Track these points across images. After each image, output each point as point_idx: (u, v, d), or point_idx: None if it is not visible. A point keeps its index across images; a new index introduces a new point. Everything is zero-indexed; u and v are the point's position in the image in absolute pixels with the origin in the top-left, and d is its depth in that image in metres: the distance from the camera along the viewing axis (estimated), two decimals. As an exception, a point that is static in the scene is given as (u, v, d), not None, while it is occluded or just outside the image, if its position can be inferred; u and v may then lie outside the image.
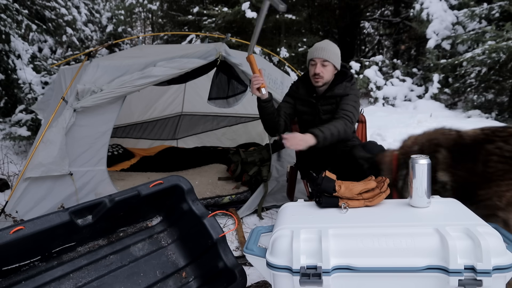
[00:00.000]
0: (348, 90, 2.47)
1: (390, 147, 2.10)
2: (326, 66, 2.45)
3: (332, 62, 2.45)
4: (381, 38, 15.21)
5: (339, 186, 1.65)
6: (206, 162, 4.46)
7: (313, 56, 2.46)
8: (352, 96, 2.47)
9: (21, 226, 1.45)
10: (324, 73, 2.44)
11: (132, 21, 15.41)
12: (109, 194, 1.80)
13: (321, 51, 2.45)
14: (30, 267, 1.56)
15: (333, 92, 2.48)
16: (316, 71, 2.44)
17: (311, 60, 2.48)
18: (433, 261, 1.29)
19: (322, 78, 2.46)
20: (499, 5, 7.43)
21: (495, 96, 7.63)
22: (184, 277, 1.86)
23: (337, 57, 2.49)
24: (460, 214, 1.53)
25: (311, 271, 1.32)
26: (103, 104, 2.71)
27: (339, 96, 2.47)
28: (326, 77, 2.46)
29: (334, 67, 2.48)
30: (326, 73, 2.45)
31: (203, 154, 4.77)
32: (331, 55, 2.44)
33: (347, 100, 2.45)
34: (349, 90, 2.47)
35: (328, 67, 2.45)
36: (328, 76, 2.47)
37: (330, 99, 2.50)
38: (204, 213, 1.90)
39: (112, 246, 1.81)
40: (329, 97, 2.50)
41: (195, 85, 4.67)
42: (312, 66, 2.47)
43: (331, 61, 2.44)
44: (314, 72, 2.45)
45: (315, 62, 2.45)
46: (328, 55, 2.43)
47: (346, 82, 2.50)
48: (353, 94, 2.47)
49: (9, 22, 5.61)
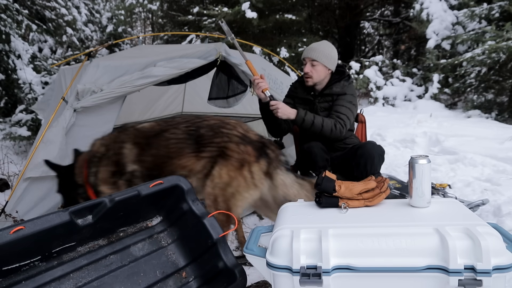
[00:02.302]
0: (345, 89, 2.54)
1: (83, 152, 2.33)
2: (315, 66, 2.53)
3: (322, 62, 2.52)
4: (381, 38, 15.22)
5: (339, 186, 1.65)
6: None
7: (304, 56, 2.59)
8: (349, 96, 2.52)
9: (21, 226, 1.44)
10: (313, 73, 2.53)
11: (132, 21, 15.42)
12: (109, 194, 1.80)
13: (311, 51, 2.55)
14: (30, 267, 1.56)
15: (331, 90, 2.56)
16: (305, 70, 2.57)
17: (303, 59, 2.61)
18: (433, 261, 1.29)
19: (311, 78, 2.55)
20: (499, 5, 7.44)
21: (495, 96, 7.63)
22: (184, 277, 1.86)
23: (328, 58, 2.54)
24: (460, 214, 1.53)
25: (311, 271, 1.32)
26: (103, 104, 2.71)
27: (336, 94, 2.53)
28: (316, 76, 2.54)
29: (326, 67, 2.53)
30: (315, 73, 2.53)
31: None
32: (320, 56, 2.52)
33: (343, 101, 2.50)
34: (346, 89, 2.54)
35: (317, 67, 2.53)
36: (318, 76, 2.54)
37: (327, 97, 2.57)
38: (204, 213, 1.90)
39: (112, 246, 1.81)
40: (327, 95, 2.57)
41: (195, 85, 4.67)
42: (304, 65, 2.59)
43: (320, 61, 2.52)
44: (304, 71, 2.58)
45: (305, 61, 2.58)
46: (316, 55, 2.51)
47: (344, 81, 2.57)
48: (350, 94, 2.53)
49: (9, 22, 5.62)
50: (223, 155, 2.06)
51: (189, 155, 2.08)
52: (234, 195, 2.04)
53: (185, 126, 2.14)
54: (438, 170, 3.91)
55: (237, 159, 2.04)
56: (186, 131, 2.12)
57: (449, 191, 2.98)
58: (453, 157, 4.25)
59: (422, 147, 4.98)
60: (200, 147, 2.08)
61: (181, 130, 2.13)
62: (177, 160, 2.08)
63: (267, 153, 2.10)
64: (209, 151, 2.08)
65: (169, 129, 2.15)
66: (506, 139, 4.70)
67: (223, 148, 2.06)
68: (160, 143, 2.13)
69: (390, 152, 4.72)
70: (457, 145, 4.66)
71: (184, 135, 2.10)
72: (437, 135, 5.14)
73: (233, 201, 2.05)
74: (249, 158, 2.05)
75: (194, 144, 2.09)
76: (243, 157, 2.05)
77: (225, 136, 2.09)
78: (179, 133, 2.12)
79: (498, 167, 3.82)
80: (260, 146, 2.11)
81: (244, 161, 2.04)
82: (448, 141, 4.89)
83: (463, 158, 4.11)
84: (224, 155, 2.05)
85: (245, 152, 2.06)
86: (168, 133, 2.14)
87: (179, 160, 2.08)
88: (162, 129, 2.17)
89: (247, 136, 2.12)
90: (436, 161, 4.13)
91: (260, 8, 9.64)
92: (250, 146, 2.07)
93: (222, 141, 2.08)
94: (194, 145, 2.08)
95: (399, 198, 2.67)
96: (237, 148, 2.06)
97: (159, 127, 2.19)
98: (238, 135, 2.10)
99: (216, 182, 2.04)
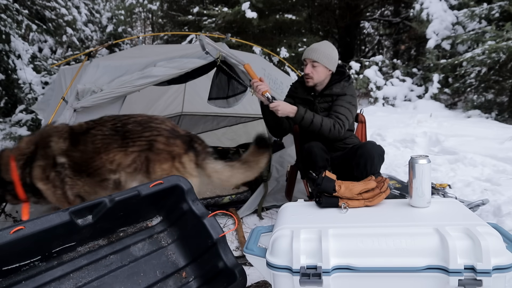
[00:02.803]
0: (345, 90, 2.54)
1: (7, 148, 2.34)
2: (316, 67, 2.53)
3: (322, 64, 2.52)
4: (381, 38, 15.21)
5: (339, 186, 1.65)
6: (206, 162, 4.46)
7: (304, 57, 2.58)
8: (349, 97, 2.52)
9: (21, 226, 1.44)
10: (314, 74, 2.54)
11: (132, 21, 15.42)
12: (109, 194, 1.80)
13: (312, 52, 2.54)
14: (30, 267, 1.56)
15: (331, 90, 2.56)
16: (305, 71, 2.56)
17: (303, 60, 2.60)
18: (433, 261, 1.29)
19: (312, 79, 2.55)
20: (499, 5, 7.44)
21: (495, 96, 7.63)
22: (184, 277, 1.87)
23: (329, 59, 2.54)
24: (460, 214, 1.53)
25: (311, 271, 1.32)
26: (103, 104, 2.70)
27: (336, 95, 2.53)
28: (316, 77, 2.54)
29: (326, 68, 2.53)
30: (316, 74, 2.54)
31: (203, 154, 4.76)
32: (320, 57, 2.52)
33: (342, 101, 2.50)
34: (346, 89, 2.55)
35: (318, 68, 2.53)
36: (319, 76, 2.54)
37: (327, 97, 2.58)
38: (204, 213, 1.90)
39: (112, 246, 1.81)
40: (327, 96, 2.58)
41: (195, 85, 4.66)
42: (304, 66, 2.58)
43: (321, 62, 2.52)
44: (304, 72, 2.57)
45: (306, 62, 2.57)
46: (317, 57, 2.51)
47: (344, 82, 2.58)
48: (349, 95, 2.53)
49: (9, 22, 5.61)
50: (153, 148, 2.14)
51: (116, 150, 2.15)
52: None
53: (112, 124, 2.23)
54: (438, 170, 3.91)
55: (168, 151, 2.14)
56: (112, 127, 2.21)
57: (449, 191, 2.98)
58: (453, 157, 4.25)
59: (422, 147, 4.98)
60: (129, 142, 2.16)
61: (107, 127, 2.22)
62: (105, 155, 2.15)
63: (194, 146, 2.22)
64: (138, 145, 2.15)
65: (96, 127, 2.25)
66: (506, 139, 4.69)
67: (152, 142, 2.14)
68: (87, 139, 2.21)
69: (390, 152, 4.72)
70: (457, 145, 4.66)
71: (110, 131, 2.19)
72: (437, 135, 5.14)
73: None
74: (178, 151, 2.15)
75: (122, 139, 2.17)
76: (172, 149, 2.14)
77: (155, 130, 2.17)
78: (105, 129, 2.22)
79: (498, 167, 3.82)
80: (188, 140, 2.22)
81: (174, 153, 2.14)
82: (448, 141, 4.88)
83: (463, 158, 4.11)
84: (154, 149, 2.14)
85: (175, 145, 2.15)
86: (95, 130, 2.23)
87: (107, 155, 2.15)
88: (89, 127, 2.27)
89: (175, 130, 2.22)
90: (436, 161, 4.13)
91: (260, 8, 9.65)
92: (179, 139, 2.18)
93: (151, 134, 2.16)
94: (121, 140, 2.16)
95: (399, 198, 2.67)
96: (166, 141, 2.15)
97: (87, 126, 2.29)
98: (167, 129, 2.19)
99: (153, 178, 2.10)
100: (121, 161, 2.16)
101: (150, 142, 2.15)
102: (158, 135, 2.16)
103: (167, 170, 2.13)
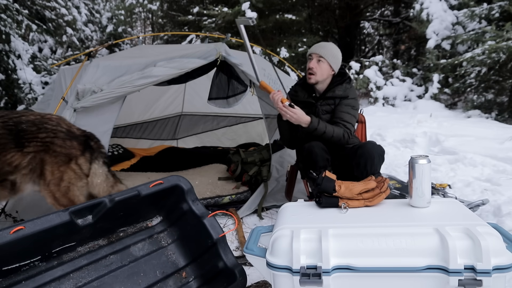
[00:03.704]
0: (348, 92, 2.54)
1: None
2: (321, 63, 2.52)
3: (328, 60, 2.52)
4: (381, 38, 15.21)
5: (339, 186, 1.65)
6: (206, 162, 4.46)
7: (311, 51, 2.57)
8: (352, 101, 2.51)
9: (21, 226, 1.44)
10: (317, 69, 2.52)
11: (132, 21, 15.41)
12: (109, 194, 1.80)
13: (319, 48, 2.54)
14: (30, 267, 1.56)
15: (333, 93, 2.54)
16: (310, 65, 2.53)
17: (309, 55, 2.58)
18: (433, 261, 1.29)
19: (314, 75, 2.53)
20: (499, 5, 7.44)
21: (495, 96, 7.63)
22: (184, 277, 1.87)
23: (335, 58, 2.54)
24: (460, 214, 1.53)
25: (311, 271, 1.32)
26: (103, 104, 2.70)
27: (338, 98, 2.52)
28: (319, 73, 2.53)
29: (330, 67, 2.52)
30: (319, 70, 2.52)
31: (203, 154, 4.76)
32: (327, 53, 2.52)
33: (347, 107, 2.49)
34: (349, 92, 2.54)
35: (323, 64, 2.52)
36: (322, 74, 2.53)
37: (330, 100, 2.55)
38: (204, 213, 1.90)
39: (112, 246, 1.81)
40: (329, 98, 2.55)
41: (195, 85, 4.67)
42: (309, 60, 2.56)
43: (327, 59, 2.51)
44: (308, 66, 2.54)
45: (311, 57, 2.55)
46: (324, 53, 2.51)
47: (346, 84, 2.56)
48: (352, 98, 2.53)
49: (9, 22, 5.62)
50: (48, 150, 2.12)
51: (13, 151, 2.07)
52: (69, 188, 2.15)
53: (2, 122, 2.12)
54: (438, 170, 3.91)
55: (64, 154, 2.14)
56: (3, 126, 2.11)
57: (449, 191, 2.98)
58: (453, 157, 4.25)
59: (422, 147, 4.98)
60: (24, 142, 2.09)
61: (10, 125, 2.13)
62: (2, 156, 2.06)
63: (90, 145, 2.26)
64: (33, 146, 2.11)
65: None
66: (506, 139, 4.69)
67: (49, 144, 2.12)
68: None
69: (390, 152, 4.72)
70: (457, 145, 4.66)
71: (3, 131, 2.08)
72: (437, 135, 5.14)
73: (71, 193, 2.16)
74: (75, 152, 2.18)
75: (16, 140, 2.09)
76: (69, 151, 2.16)
77: (50, 132, 2.15)
78: (5, 128, 2.11)
79: (498, 167, 3.82)
80: (84, 140, 2.25)
81: (71, 155, 2.16)
82: (448, 141, 4.88)
83: (463, 158, 4.11)
84: (51, 151, 2.12)
85: (72, 147, 2.17)
86: None
87: (4, 156, 2.06)
88: None
89: (71, 131, 2.23)
90: (436, 161, 4.13)
91: (260, 8, 9.65)
92: (75, 141, 2.20)
93: (47, 136, 2.13)
94: (16, 140, 2.09)
95: (399, 198, 2.67)
96: (63, 143, 2.15)
97: None
98: (63, 130, 2.19)
99: (49, 179, 2.11)
100: (18, 163, 2.09)
101: (46, 144, 2.12)
102: (54, 137, 2.14)
103: (64, 172, 2.14)
